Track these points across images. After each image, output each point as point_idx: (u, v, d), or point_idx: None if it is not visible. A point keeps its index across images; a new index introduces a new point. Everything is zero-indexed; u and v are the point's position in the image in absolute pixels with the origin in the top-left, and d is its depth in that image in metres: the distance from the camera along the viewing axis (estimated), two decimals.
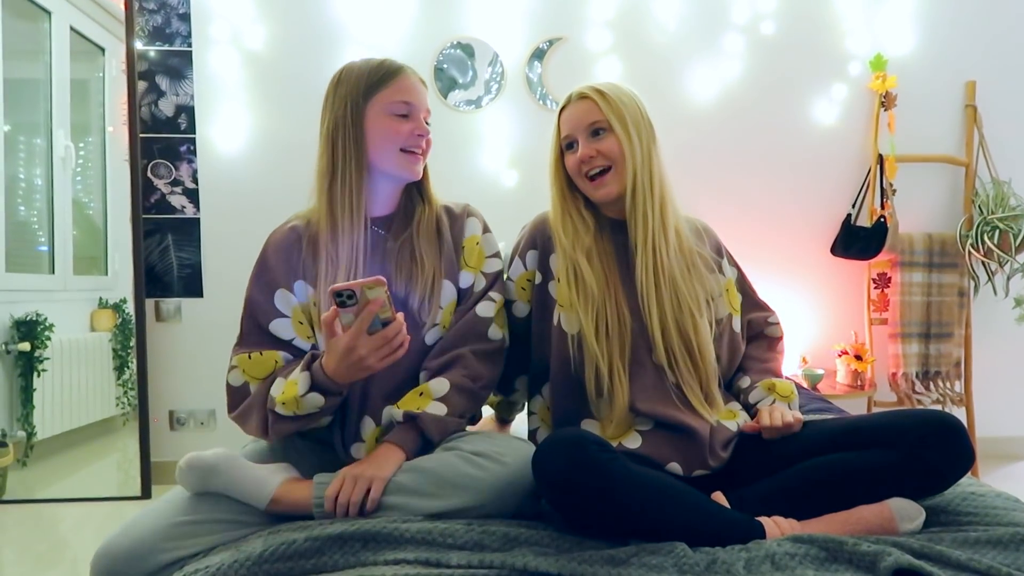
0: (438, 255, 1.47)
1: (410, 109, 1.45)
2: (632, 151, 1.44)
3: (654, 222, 1.45)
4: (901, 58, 3.09)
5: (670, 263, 1.45)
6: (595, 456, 1.11)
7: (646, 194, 1.45)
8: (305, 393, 1.25)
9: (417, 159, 1.47)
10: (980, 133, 3.07)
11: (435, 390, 1.36)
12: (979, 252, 2.94)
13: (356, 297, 1.17)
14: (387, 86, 1.43)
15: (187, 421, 3.07)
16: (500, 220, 3.11)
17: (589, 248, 1.47)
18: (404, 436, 1.32)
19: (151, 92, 2.98)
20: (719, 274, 1.56)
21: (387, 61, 1.46)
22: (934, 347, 3.06)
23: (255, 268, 1.44)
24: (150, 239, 3.01)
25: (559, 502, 1.13)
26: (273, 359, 1.36)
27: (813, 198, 3.13)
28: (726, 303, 1.54)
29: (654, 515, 1.12)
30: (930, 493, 1.26)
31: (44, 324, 2.89)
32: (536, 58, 3.06)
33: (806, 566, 0.98)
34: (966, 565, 0.97)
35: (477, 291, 1.49)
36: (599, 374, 1.39)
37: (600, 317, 1.41)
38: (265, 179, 3.01)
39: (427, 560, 0.99)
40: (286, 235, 1.46)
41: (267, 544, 1.05)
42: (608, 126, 1.46)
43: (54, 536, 2.51)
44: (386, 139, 1.42)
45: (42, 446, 2.90)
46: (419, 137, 1.46)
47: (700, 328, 1.43)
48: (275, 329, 1.39)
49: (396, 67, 1.46)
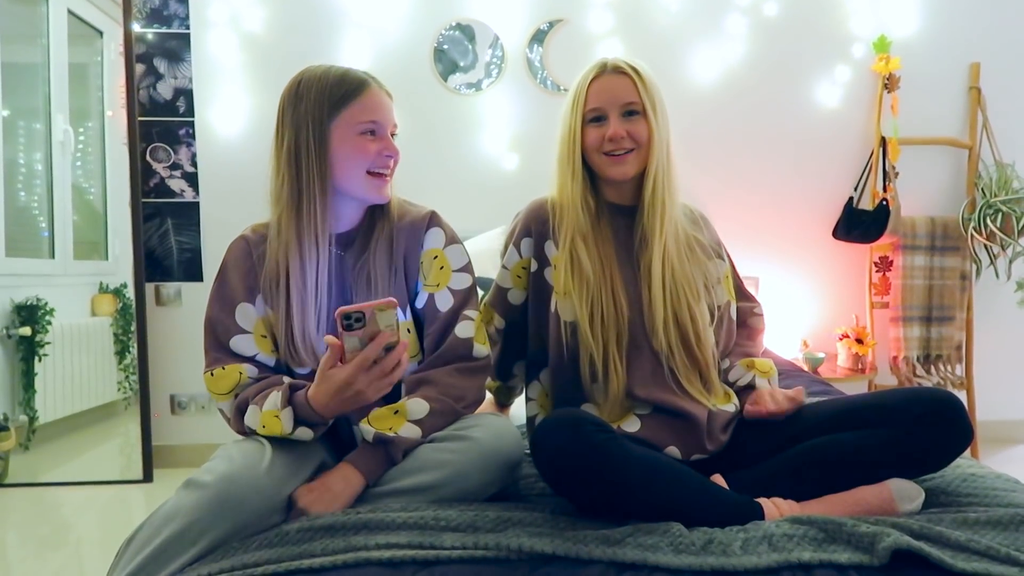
0: (390, 278, 1.38)
1: (377, 127, 1.35)
2: (660, 138, 1.42)
3: (665, 208, 1.43)
4: (905, 39, 3.06)
5: (675, 250, 1.44)
6: (592, 436, 1.11)
7: (665, 181, 1.43)
8: (292, 431, 1.19)
9: (384, 181, 1.38)
10: (984, 115, 3.05)
11: (412, 411, 1.25)
12: (982, 235, 2.93)
13: (364, 320, 1.11)
14: (352, 103, 1.33)
15: (188, 405, 3.07)
16: (501, 204, 3.10)
17: (588, 232, 1.44)
18: (368, 457, 1.23)
19: (149, 75, 2.96)
20: (719, 260, 1.55)
21: (350, 74, 1.36)
22: (935, 331, 3.05)
23: (214, 286, 1.38)
24: (149, 223, 3.00)
25: (557, 481, 1.13)
26: (236, 372, 1.29)
27: (815, 181, 3.12)
28: (725, 290, 1.53)
29: (652, 494, 1.12)
30: (928, 471, 1.26)
31: (45, 309, 2.89)
32: (537, 40, 3.04)
33: (803, 547, 0.98)
34: (965, 546, 0.96)
35: (446, 310, 1.38)
36: (593, 360, 1.38)
37: (596, 303, 1.39)
38: (264, 163, 2.93)
39: (420, 543, 0.99)
40: (241, 248, 1.40)
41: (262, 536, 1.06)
42: (643, 109, 1.41)
43: (57, 519, 2.52)
44: (352, 160, 1.33)
45: (44, 430, 2.91)
46: (387, 158, 1.37)
47: (698, 315, 1.42)
48: (236, 346, 1.32)
49: (360, 81, 1.36)
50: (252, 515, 1.08)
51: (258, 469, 1.12)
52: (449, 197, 2.96)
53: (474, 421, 1.26)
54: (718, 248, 1.58)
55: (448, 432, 1.24)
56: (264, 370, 1.33)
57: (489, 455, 1.20)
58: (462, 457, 1.18)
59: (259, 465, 1.13)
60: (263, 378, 1.31)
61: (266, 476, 1.12)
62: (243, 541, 1.06)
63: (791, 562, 0.95)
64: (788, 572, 0.94)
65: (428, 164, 3.03)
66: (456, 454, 1.18)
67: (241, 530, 1.07)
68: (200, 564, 1.01)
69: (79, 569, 2.10)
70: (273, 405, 1.21)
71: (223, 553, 1.03)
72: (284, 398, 1.21)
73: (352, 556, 0.96)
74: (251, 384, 1.29)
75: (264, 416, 1.21)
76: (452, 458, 1.18)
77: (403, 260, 1.40)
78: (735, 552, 0.97)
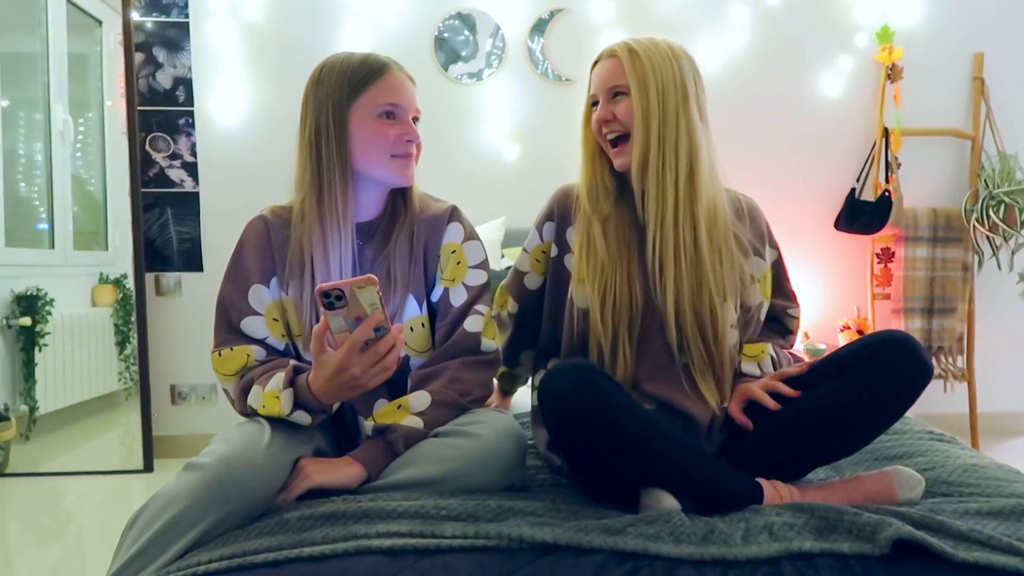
0: (409, 270, 1.37)
1: (397, 111, 1.33)
2: (647, 119, 1.32)
3: (676, 197, 1.33)
4: (908, 29, 3.04)
5: (696, 242, 1.34)
6: (599, 382, 1.12)
7: (664, 166, 1.32)
8: (290, 412, 1.18)
9: (408, 163, 1.36)
10: (987, 106, 3.04)
11: (414, 404, 1.25)
12: (984, 226, 2.92)
13: (345, 298, 1.08)
14: (372, 86, 1.32)
15: (188, 395, 3.07)
16: (501, 194, 3.11)
17: (607, 216, 1.40)
18: (369, 451, 1.22)
19: (148, 64, 2.95)
20: (758, 258, 1.44)
21: (371, 57, 1.34)
22: (937, 322, 3.04)
23: (229, 265, 1.36)
24: (149, 213, 3.00)
25: (561, 427, 1.14)
26: (244, 353, 1.28)
27: (817, 172, 3.11)
28: (760, 290, 1.44)
29: (654, 453, 1.13)
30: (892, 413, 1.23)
31: (44, 299, 2.89)
32: (538, 30, 3.02)
33: (804, 536, 0.98)
34: (967, 535, 0.96)
35: (459, 305, 1.36)
36: (601, 346, 1.35)
37: (608, 288, 1.35)
38: (264, 152, 2.98)
39: (421, 532, 0.98)
40: (260, 230, 1.38)
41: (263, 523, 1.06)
42: (627, 90, 1.35)
43: (57, 509, 2.53)
44: (372, 145, 1.32)
45: (45, 420, 2.92)
46: (408, 143, 1.34)
47: (721, 314, 1.34)
48: (246, 327, 1.31)
49: (381, 64, 1.34)
50: (250, 495, 1.08)
51: (256, 450, 1.12)
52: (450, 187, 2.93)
53: (479, 417, 1.24)
54: (761, 244, 1.47)
55: (452, 427, 1.22)
56: (272, 353, 1.33)
57: (493, 455, 1.18)
58: (466, 455, 1.16)
59: (258, 446, 1.13)
60: (270, 360, 1.31)
61: (264, 456, 1.12)
62: (243, 528, 1.06)
63: (792, 552, 0.95)
64: (789, 562, 0.94)
65: (429, 154, 2.95)
66: (460, 451, 1.17)
67: (240, 511, 1.07)
68: (201, 551, 1.01)
69: (80, 559, 2.10)
70: (275, 385, 1.20)
71: (224, 540, 1.03)
72: (287, 379, 1.20)
73: (353, 544, 0.96)
74: (258, 366, 1.29)
75: (266, 396, 1.20)
76: (456, 455, 1.16)
77: (423, 253, 1.39)
78: (736, 542, 0.97)
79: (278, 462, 1.14)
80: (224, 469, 1.07)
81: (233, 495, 1.06)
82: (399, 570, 0.93)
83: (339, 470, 1.18)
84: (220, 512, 1.05)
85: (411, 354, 1.36)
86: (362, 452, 1.22)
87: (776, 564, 0.94)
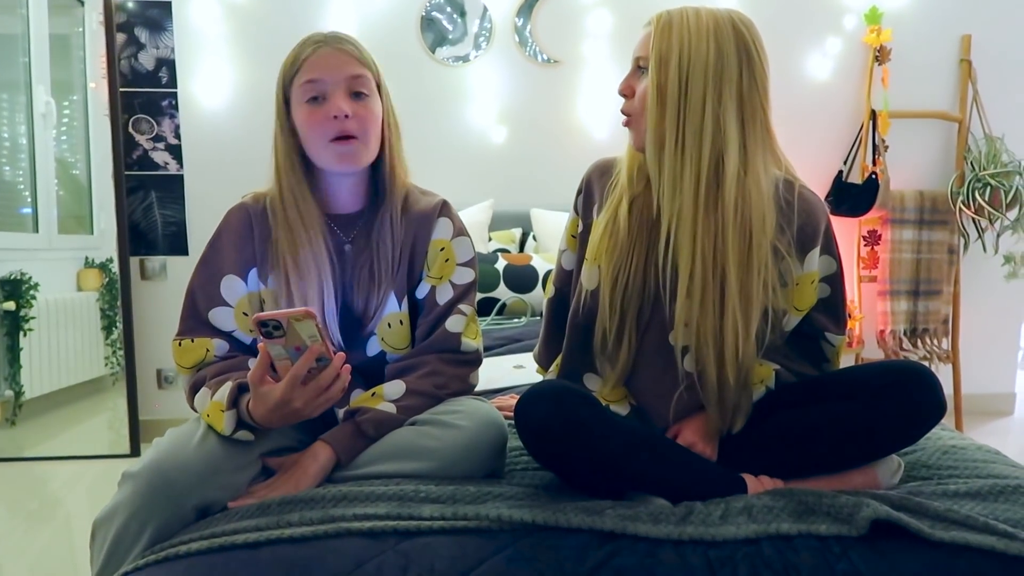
0: (393, 267, 1.32)
1: (319, 88, 1.22)
2: (663, 98, 1.18)
3: (697, 192, 1.18)
4: (896, 11, 3.03)
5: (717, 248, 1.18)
6: (574, 410, 1.09)
7: (683, 155, 1.18)
8: (231, 434, 1.14)
9: (349, 146, 1.24)
10: (974, 88, 3.04)
11: (389, 392, 1.23)
12: (970, 209, 2.93)
13: (283, 328, 1.04)
14: (299, 72, 1.23)
15: (175, 379, 3.06)
16: (488, 177, 3.09)
17: (636, 196, 1.29)
18: (338, 433, 1.19)
19: (130, 45, 2.91)
20: (791, 260, 1.26)
21: (309, 36, 1.26)
22: (922, 304, 3.06)
23: (204, 253, 1.31)
24: (133, 196, 2.97)
25: (540, 453, 1.12)
26: (203, 348, 1.25)
27: (804, 154, 3.10)
28: (788, 297, 1.27)
29: (635, 469, 1.11)
30: (900, 444, 1.20)
31: (29, 283, 2.86)
32: (525, 11, 3.00)
33: (783, 518, 0.98)
34: (944, 516, 0.97)
35: (443, 303, 1.33)
36: (606, 332, 1.28)
37: (621, 269, 1.26)
38: (249, 135, 2.96)
39: (399, 514, 0.99)
40: (242, 219, 1.32)
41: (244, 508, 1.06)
42: (647, 65, 1.21)
43: (45, 494, 2.52)
44: (307, 134, 1.25)
45: (31, 405, 2.90)
46: (334, 120, 1.22)
47: (743, 328, 1.18)
48: (214, 318, 1.27)
49: (313, 41, 1.25)
50: (188, 493, 1.06)
51: (186, 448, 1.10)
52: (436, 170, 2.94)
53: (458, 406, 1.22)
54: (804, 248, 1.28)
55: (431, 416, 1.20)
56: (237, 348, 1.29)
57: (474, 446, 1.16)
58: (449, 448, 1.15)
59: (187, 445, 1.11)
60: (230, 357, 1.27)
61: (195, 453, 1.10)
62: (225, 512, 1.06)
63: (771, 533, 0.95)
64: (769, 542, 0.94)
65: (414, 137, 2.96)
66: (442, 443, 1.15)
67: (182, 510, 1.06)
68: (182, 533, 1.02)
69: (67, 543, 2.10)
70: (221, 398, 1.16)
71: (207, 524, 1.03)
72: (230, 398, 1.14)
73: (333, 527, 0.96)
74: (215, 362, 1.25)
75: (212, 406, 1.17)
76: (438, 447, 1.15)
77: (411, 248, 1.35)
78: (714, 522, 0.97)
79: (214, 454, 1.12)
80: (153, 474, 1.06)
81: (167, 498, 1.04)
82: (380, 551, 0.93)
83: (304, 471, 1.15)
84: (161, 518, 1.04)
85: (388, 351, 1.33)
86: (332, 435, 1.20)
87: (756, 544, 0.94)
